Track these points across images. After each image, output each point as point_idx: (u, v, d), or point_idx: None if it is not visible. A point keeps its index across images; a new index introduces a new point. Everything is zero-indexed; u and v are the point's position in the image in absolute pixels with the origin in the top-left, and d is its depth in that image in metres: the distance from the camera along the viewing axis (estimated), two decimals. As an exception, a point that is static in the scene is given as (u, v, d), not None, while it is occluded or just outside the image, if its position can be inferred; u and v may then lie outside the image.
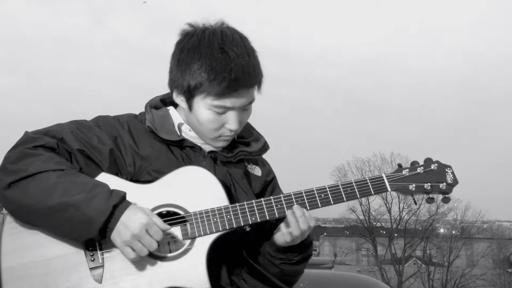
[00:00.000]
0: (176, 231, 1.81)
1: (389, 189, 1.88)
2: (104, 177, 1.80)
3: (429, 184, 1.90)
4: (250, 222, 1.82)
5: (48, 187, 1.68)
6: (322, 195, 1.85)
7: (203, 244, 1.78)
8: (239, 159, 1.98)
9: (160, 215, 1.80)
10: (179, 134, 1.93)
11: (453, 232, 34.51)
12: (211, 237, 1.79)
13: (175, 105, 1.99)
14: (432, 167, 1.91)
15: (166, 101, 2.01)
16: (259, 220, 1.82)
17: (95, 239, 1.72)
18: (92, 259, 1.75)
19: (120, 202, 1.69)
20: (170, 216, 1.80)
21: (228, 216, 1.80)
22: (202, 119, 1.85)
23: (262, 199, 1.84)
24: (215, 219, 1.80)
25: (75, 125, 1.88)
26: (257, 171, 2.05)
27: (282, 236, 1.85)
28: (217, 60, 1.79)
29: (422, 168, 1.91)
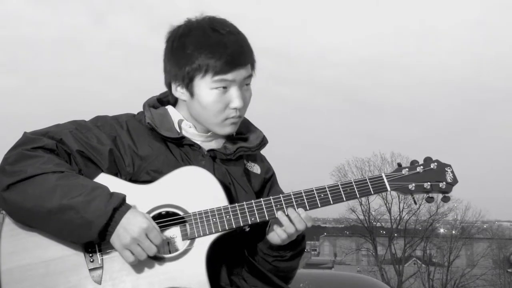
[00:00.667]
0: (176, 231, 1.80)
1: (388, 188, 1.87)
2: (104, 178, 1.80)
3: (428, 183, 1.89)
4: (250, 223, 1.81)
5: (48, 190, 1.67)
6: (322, 195, 1.85)
7: (203, 244, 1.78)
8: (238, 156, 1.97)
9: (160, 215, 1.79)
10: (179, 131, 1.93)
11: (453, 232, 34.50)
12: (211, 238, 1.78)
13: (173, 105, 1.99)
14: (432, 166, 1.90)
15: (163, 100, 2.01)
16: (258, 221, 1.82)
17: (94, 242, 1.72)
18: (91, 260, 1.74)
19: (120, 205, 1.69)
20: (169, 217, 1.80)
21: (228, 217, 1.80)
22: (205, 101, 1.84)
23: (261, 199, 1.84)
24: (214, 219, 1.79)
25: (74, 126, 1.87)
26: (256, 168, 2.04)
27: (277, 236, 1.85)
28: (210, 38, 1.81)
29: (421, 167, 1.90)
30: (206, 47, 1.80)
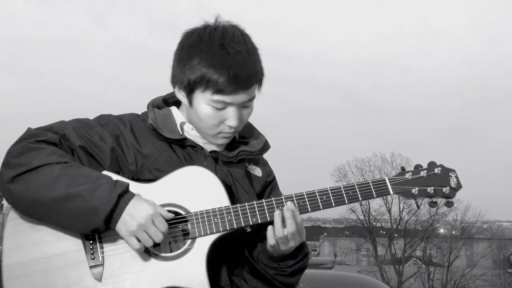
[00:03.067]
0: (177, 230, 1.80)
1: (391, 192, 1.87)
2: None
3: (432, 188, 1.89)
4: (251, 223, 1.81)
5: (52, 179, 1.68)
6: (324, 197, 1.84)
7: (204, 244, 1.78)
8: (240, 159, 1.97)
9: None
10: (181, 133, 1.93)
11: (453, 232, 34.54)
12: (212, 238, 1.79)
13: (178, 105, 1.99)
14: (436, 171, 1.90)
15: (168, 101, 2.02)
16: (259, 221, 1.82)
17: (100, 229, 1.71)
18: (92, 257, 1.75)
19: (124, 192, 1.70)
20: (171, 216, 1.80)
21: (229, 217, 1.80)
22: (201, 114, 1.85)
23: (263, 200, 1.84)
24: (216, 219, 1.79)
25: (77, 123, 1.88)
26: (257, 171, 2.04)
27: (270, 238, 1.82)
28: (216, 56, 1.79)
29: (425, 171, 1.90)
30: (210, 64, 1.78)
